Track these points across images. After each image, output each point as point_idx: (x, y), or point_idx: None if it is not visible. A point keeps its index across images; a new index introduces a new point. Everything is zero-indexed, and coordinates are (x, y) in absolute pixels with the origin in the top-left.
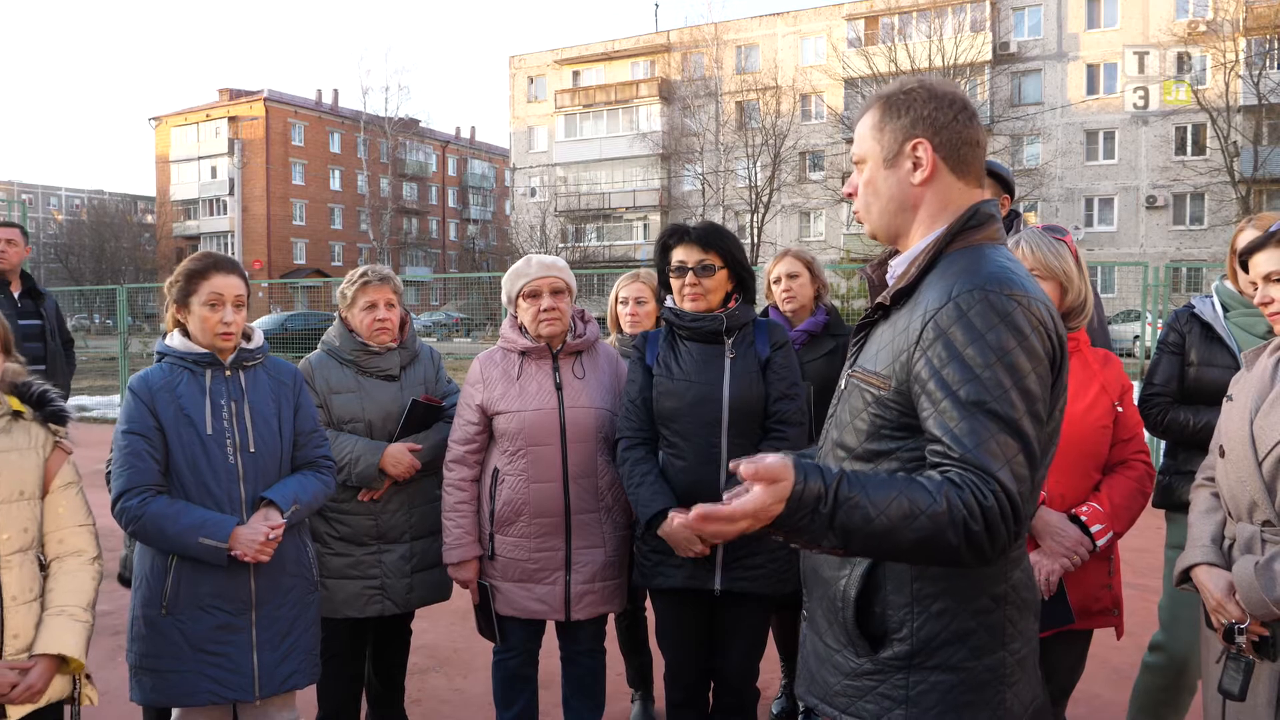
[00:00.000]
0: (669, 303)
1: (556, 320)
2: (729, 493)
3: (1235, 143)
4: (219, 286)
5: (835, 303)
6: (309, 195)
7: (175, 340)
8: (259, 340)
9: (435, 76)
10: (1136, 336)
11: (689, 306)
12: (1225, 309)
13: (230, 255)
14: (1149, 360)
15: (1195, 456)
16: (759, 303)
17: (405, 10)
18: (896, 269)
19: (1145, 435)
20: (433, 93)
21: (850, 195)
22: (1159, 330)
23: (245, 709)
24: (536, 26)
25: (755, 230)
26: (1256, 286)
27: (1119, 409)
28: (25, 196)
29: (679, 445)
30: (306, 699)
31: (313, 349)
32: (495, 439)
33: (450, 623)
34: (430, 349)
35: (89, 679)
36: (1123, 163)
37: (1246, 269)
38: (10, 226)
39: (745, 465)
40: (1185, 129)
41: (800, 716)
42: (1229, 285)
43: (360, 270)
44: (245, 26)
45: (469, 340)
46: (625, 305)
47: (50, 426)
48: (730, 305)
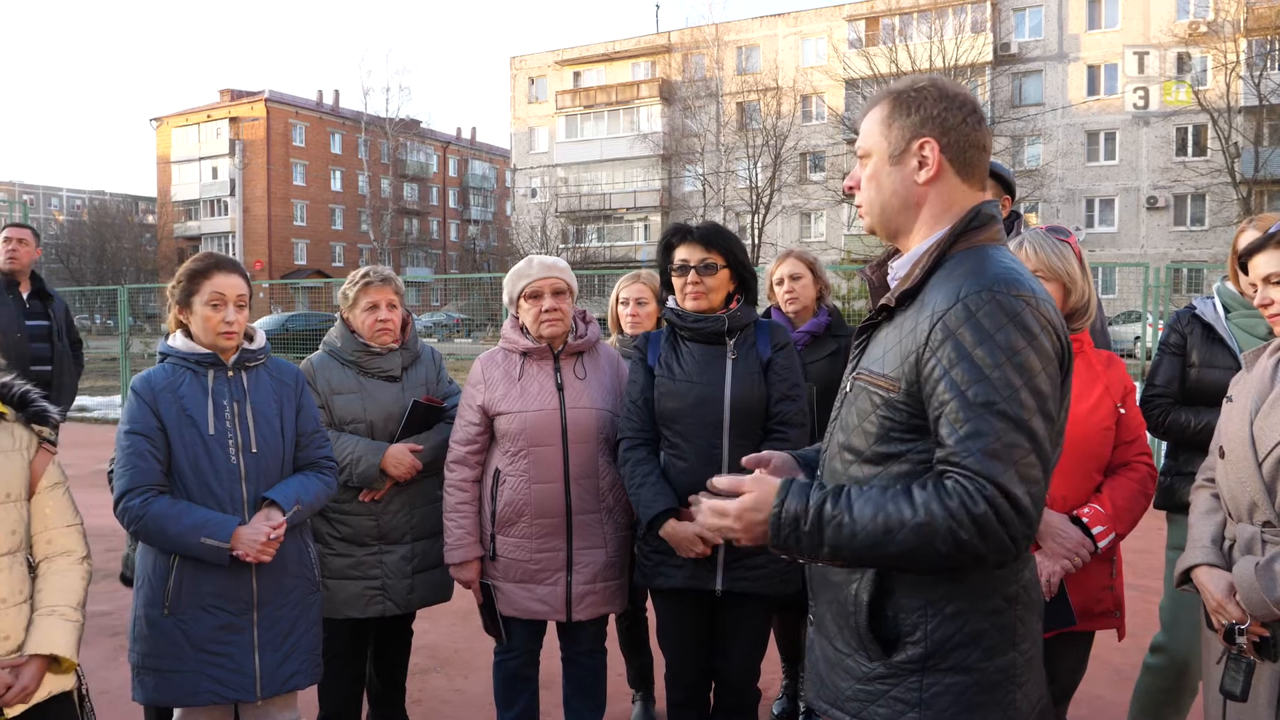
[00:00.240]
0: (671, 303)
1: (558, 321)
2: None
3: (1236, 144)
4: (221, 286)
5: (836, 303)
6: (310, 196)
7: (178, 341)
8: (261, 341)
9: (436, 77)
10: (1137, 338)
11: (691, 305)
12: (1226, 310)
13: (231, 256)
14: (1150, 361)
15: (1196, 457)
16: (761, 304)
17: (406, 11)
18: (899, 270)
19: (1148, 437)
20: (434, 93)
21: (851, 189)
22: (1160, 331)
23: (247, 709)
24: (537, 27)
25: (756, 231)
26: (1256, 288)
27: (1122, 411)
28: (27, 197)
29: (680, 446)
30: (308, 699)
31: (313, 350)
32: (496, 440)
33: (451, 623)
34: (432, 350)
35: (80, 679)
36: (1123, 164)
37: (1246, 270)
38: (22, 227)
39: (724, 483)
40: (1186, 130)
41: (801, 717)
42: (1230, 286)
43: (362, 271)
44: (246, 27)
45: (470, 341)
46: (626, 306)
47: (34, 427)
48: (732, 306)
